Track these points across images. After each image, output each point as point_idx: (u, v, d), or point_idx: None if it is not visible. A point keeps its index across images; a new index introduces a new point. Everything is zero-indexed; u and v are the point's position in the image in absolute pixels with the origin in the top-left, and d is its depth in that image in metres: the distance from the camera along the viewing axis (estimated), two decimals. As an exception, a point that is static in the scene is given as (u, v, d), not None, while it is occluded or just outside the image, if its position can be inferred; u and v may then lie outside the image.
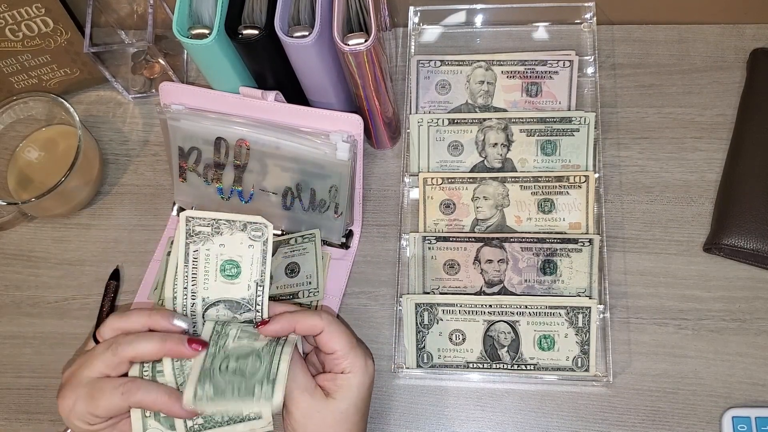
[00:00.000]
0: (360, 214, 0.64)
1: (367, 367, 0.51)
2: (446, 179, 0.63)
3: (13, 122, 0.67)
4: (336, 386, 0.50)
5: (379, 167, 0.67)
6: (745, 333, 0.59)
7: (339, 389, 0.50)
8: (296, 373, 0.48)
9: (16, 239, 0.68)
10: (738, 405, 0.57)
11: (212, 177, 0.61)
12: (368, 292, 0.63)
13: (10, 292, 0.66)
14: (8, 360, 0.64)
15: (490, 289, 0.61)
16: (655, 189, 0.63)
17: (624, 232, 0.62)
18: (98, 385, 0.46)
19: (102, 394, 0.45)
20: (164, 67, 0.69)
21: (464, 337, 0.59)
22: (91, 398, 0.45)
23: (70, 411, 0.46)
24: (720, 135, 0.64)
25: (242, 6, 0.55)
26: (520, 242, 0.60)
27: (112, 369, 0.46)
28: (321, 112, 0.57)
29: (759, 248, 0.58)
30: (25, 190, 0.67)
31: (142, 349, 0.46)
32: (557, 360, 0.58)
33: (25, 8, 0.63)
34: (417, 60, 0.67)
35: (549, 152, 0.63)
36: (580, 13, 0.68)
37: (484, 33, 0.70)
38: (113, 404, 0.45)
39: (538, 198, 0.62)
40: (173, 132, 0.60)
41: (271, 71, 0.59)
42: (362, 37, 0.51)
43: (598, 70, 0.67)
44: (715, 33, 0.68)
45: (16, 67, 0.68)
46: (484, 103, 0.66)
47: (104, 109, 0.72)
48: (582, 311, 0.58)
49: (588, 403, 0.58)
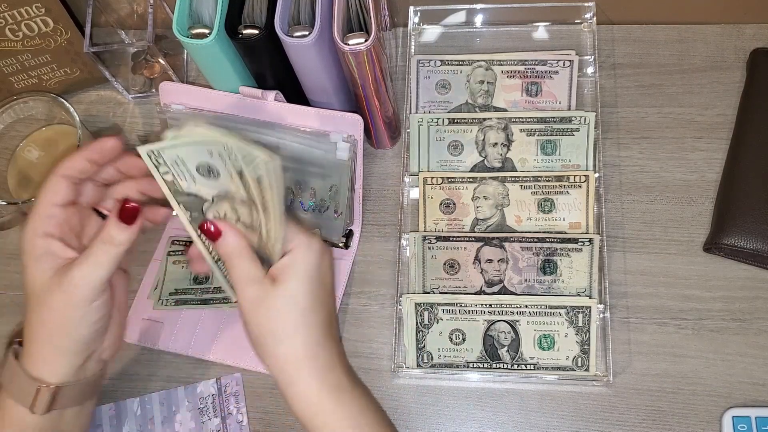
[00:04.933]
0: (360, 213, 0.64)
1: (310, 243, 0.48)
2: (446, 179, 0.63)
3: (13, 122, 0.67)
4: (280, 269, 0.47)
5: (379, 167, 0.67)
6: (745, 333, 0.59)
7: (282, 271, 0.47)
8: (241, 266, 0.46)
9: (16, 239, 0.68)
10: (738, 405, 0.57)
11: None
12: (368, 292, 0.63)
13: (10, 292, 0.66)
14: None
15: (490, 288, 0.61)
16: (655, 189, 0.63)
17: (624, 232, 0.62)
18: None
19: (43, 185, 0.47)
20: (164, 67, 0.69)
21: (464, 337, 0.59)
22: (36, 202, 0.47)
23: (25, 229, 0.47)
24: (720, 135, 0.64)
25: (242, 6, 0.55)
26: (520, 242, 0.60)
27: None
28: (321, 112, 0.57)
29: (759, 248, 0.58)
30: (25, 190, 0.67)
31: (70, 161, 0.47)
32: (557, 360, 0.58)
33: (25, 8, 0.63)
34: (417, 60, 0.67)
35: (549, 152, 0.63)
36: (580, 13, 0.68)
37: (484, 33, 0.70)
38: (49, 181, 0.47)
39: (538, 198, 0.62)
40: (173, 132, 0.60)
41: (271, 71, 0.59)
42: (362, 37, 0.51)
43: (598, 70, 0.67)
44: (715, 33, 0.68)
45: (16, 66, 0.68)
46: (484, 103, 0.66)
47: (104, 109, 0.72)
48: (582, 311, 0.58)
49: (588, 402, 0.58)
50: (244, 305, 0.47)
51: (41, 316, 0.47)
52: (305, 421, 0.49)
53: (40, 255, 0.47)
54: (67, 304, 0.46)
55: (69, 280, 0.46)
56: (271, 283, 0.47)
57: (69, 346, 0.47)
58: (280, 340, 0.47)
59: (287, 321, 0.47)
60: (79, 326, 0.47)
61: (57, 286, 0.46)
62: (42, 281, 0.46)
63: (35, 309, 0.47)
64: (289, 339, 0.47)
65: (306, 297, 0.47)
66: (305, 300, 0.47)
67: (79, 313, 0.46)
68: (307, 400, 0.48)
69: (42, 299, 0.46)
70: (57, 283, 0.46)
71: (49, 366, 0.47)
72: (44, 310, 0.47)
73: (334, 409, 0.48)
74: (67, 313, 0.46)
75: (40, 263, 0.47)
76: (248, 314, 0.47)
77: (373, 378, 0.60)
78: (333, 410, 0.48)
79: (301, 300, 0.47)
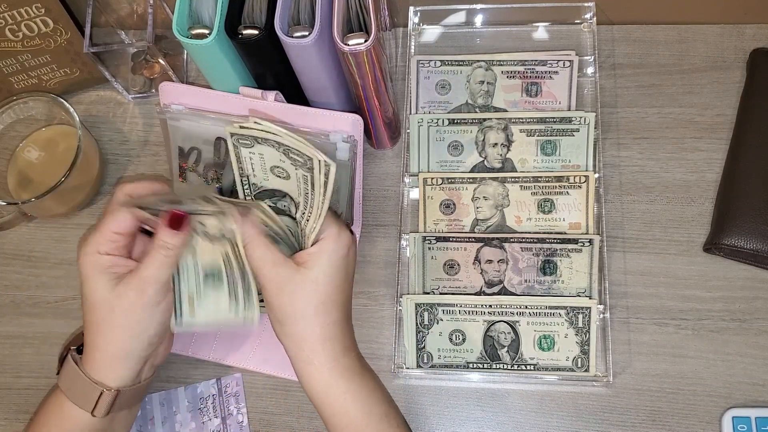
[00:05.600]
0: (360, 214, 0.64)
1: (340, 235, 0.51)
2: (446, 179, 0.63)
3: (13, 122, 0.67)
4: (308, 255, 0.50)
5: (379, 167, 0.67)
6: (745, 333, 0.59)
7: (310, 257, 0.50)
8: (262, 251, 0.50)
9: (16, 239, 0.68)
10: (738, 405, 0.57)
11: (212, 177, 0.61)
12: (368, 292, 0.63)
13: (10, 292, 0.66)
14: (8, 360, 0.64)
15: (490, 289, 0.61)
16: (655, 189, 0.63)
17: (624, 232, 0.62)
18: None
19: (106, 213, 0.51)
20: (164, 67, 0.69)
21: (464, 337, 0.59)
22: (98, 224, 0.51)
23: (82, 246, 0.51)
24: (720, 135, 0.64)
25: (242, 6, 0.55)
26: (520, 242, 0.60)
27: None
28: (321, 112, 0.57)
29: (759, 248, 0.58)
30: (25, 190, 0.67)
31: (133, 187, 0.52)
32: (557, 360, 0.58)
33: (25, 8, 0.63)
34: (417, 60, 0.67)
35: (549, 152, 0.63)
36: (580, 13, 0.68)
37: (484, 33, 0.70)
38: (116, 211, 0.51)
39: (538, 198, 0.62)
40: (173, 132, 0.60)
41: (271, 71, 0.59)
42: (362, 37, 0.51)
43: (598, 70, 0.66)
44: (715, 33, 0.68)
45: (16, 67, 0.68)
46: (484, 103, 0.66)
47: (104, 109, 0.72)
48: (582, 311, 0.58)
49: (588, 403, 0.58)
50: (270, 287, 0.50)
51: (113, 321, 0.50)
52: (316, 400, 0.52)
53: (105, 267, 0.50)
54: (139, 306, 0.50)
55: (139, 281, 0.49)
56: (296, 267, 0.50)
57: (135, 350, 0.51)
58: (301, 320, 0.50)
59: (309, 302, 0.50)
60: (149, 327, 0.51)
61: (130, 289, 0.49)
62: (110, 288, 0.50)
63: (103, 316, 0.50)
64: (310, 319, 0.50)
65: (330, 283, 0.50)
66: (329, 285, 0.50)
67: (149, 313, 0.50)
68: (321, 380, 0.51)
69: (113, 304, 0.50)
70: (129, 286, 0.50)
71: (113, 371, 0.51)
72: (117, 313, 0.50)
73: (346, 389, 0.51)
74: (138, 315, 0.50)
75: (104, 275, 0.50)
76: (273, 295, 0.50)
77: (373, 378, 0.60)
78: (345, 391, 0.51)
79: (325, 285, 0.50)
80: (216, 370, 0.62)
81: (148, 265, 0.50)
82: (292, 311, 0.50)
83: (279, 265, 0.50)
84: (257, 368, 0.61)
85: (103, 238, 0.50)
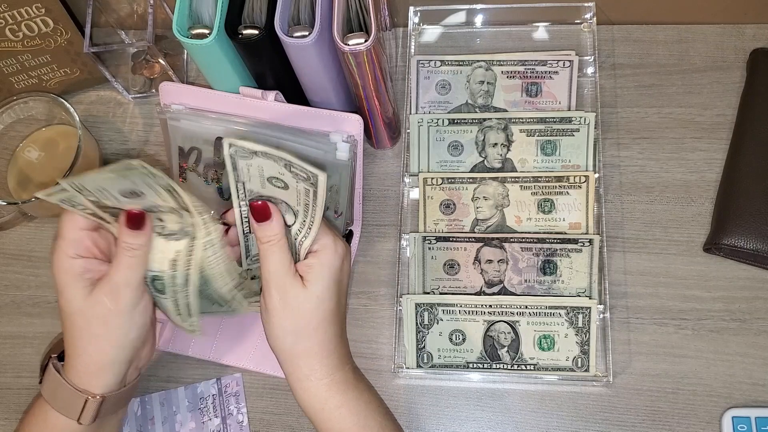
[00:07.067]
0: (360, 214, 0.64)
1: (336, 247, 0.50)
2: (446, 179, 0.63)
3: (13, 122, 0.67)
4: (307, 267, 0.49)
5: (379, 167, 0.67)
6: (745, 333, 0.59)
7: (310, 270, 0.49)
8: (282, 254, 0.48)
9: (16, 239, 0.68)
10: (738, 405, 0.57)
11: (212, 177, 0.61)
12: (368, 292, 0.63)
13: (10, 292, 0.66)
14: (8, 360, 0.64)
15: (490, 289, 0.61)
16: (655, 189, 0.63)
17: (624, 232, 0.62)
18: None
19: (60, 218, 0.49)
20: (164, 67, 0.69)
21: (464, 337, 0.59)
22: (57, 231, 0.49)
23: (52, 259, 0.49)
24: (720, 135, 0.64)
25: (242, 6, 0.55)
26: (520, 242, 0.60)
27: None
28: (321, 112, 0.57)
29: (759, 248, 0.58)
30: (25, 190, 0.67)
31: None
32: (557, 360, 0.58)
33: (25, 8, 0.63)
34: (417, 60, 0.67)
35: (549, 152, 0.63)
36: (580, 13, 0.68)
37: (484, 33, 0.70)
38: (66, 212, 0.49)
39: (538, 198, 0.62)
40: (173, 132, 0.60)
41: (271, 71, 0.59)
42: (362, 37, 0.51)
43: (598, 70, 0.66)
44: (715, 33, 0.68)
45: (16, 67, 0.68)
46: (484, 103, 0.66)
47: (104, 109, 0.72)
48: (582, 311, 0.58)
49: (588, 403, 0.58)
50: (276, 295, 0.49)
51: (91, 331, 0.49)
52: (311, 414, 0.51)
53: (78, 273, 0.48)
54: (115, 313, 0.48)
55: (112, 285, 0.48)
56: (302, 282, 0.49)
57: (117, 355, 0.50)
58: (301, 337, 0.49)
59: (311, 320, 0.49)
60: (129, 332, 0.49)
61: (103, 295, 0.48)
62: (84, 296, 0.48)
63: (81, 326, 0.49)
64: (309, 337, 0.49)
65: (331, 299, 0.50)
66: (331, 301, 0.50)
67: (127, 318, 0.49)
68: (317, 395, 0.50)
69: (89, 315, 0.48)
70: (102, 292, 0.48)
71: (96, 378, 0.50)
72: (94, 324, 0.48)
73: (341, 403, 0.51)
74: (115, 322, 0.48)
75: (78, 281, 0.48)
76: (276, 308, 0.49)
77: (373, 378, 0.60)
78: (340, 404, 0.50)
79: (328, 300, 0.49)
80: (216, 370, 0.62)
81: (117, 269, 0.48)
82: (293, 329, 0.49)
83: (291, 276, 0.49)
84: (257, 368, 0.61)
85: (65, 241, 0.49)
